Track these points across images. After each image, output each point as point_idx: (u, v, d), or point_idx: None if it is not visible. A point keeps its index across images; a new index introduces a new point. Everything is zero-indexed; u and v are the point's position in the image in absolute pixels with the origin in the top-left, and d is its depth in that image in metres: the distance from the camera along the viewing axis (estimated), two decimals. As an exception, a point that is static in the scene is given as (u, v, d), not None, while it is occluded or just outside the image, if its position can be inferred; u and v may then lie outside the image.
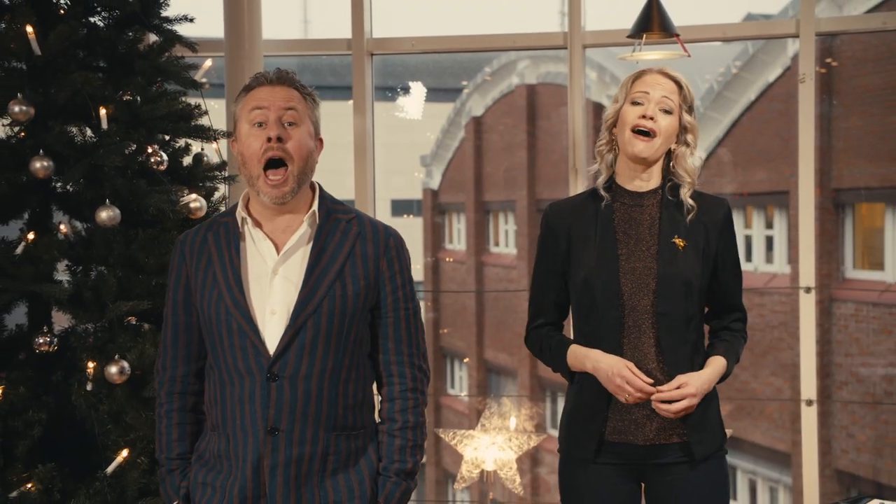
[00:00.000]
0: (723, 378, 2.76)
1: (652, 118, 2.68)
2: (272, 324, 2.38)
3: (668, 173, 2.79)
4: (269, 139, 2.35)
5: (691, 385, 2.63)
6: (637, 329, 2.71)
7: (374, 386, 2.55)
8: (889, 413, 10.10)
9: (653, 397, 2.63)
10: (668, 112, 2.71)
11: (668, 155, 2.77)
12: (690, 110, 2.76)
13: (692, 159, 2.78)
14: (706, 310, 2.84)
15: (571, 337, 2.85)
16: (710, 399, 2.75)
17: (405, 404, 2.47)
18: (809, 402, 4.71)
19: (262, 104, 2.39)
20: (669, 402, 2.63)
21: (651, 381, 2.63)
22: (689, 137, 2.77)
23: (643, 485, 2.80)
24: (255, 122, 2.39)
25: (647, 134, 2.69)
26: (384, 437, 2.48)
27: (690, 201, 2.74)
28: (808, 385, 4.72)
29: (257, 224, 2.44)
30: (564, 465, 2.85)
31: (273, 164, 2.36)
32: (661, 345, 2.69)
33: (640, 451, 2.72)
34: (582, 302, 2.77)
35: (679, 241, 2.72)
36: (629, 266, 2.72)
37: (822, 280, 10.40)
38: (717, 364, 2.73)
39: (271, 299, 2.39)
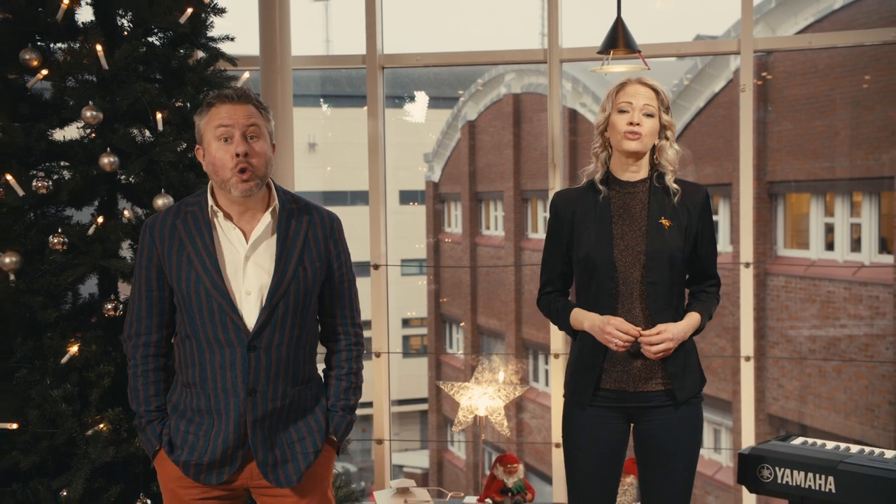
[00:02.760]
0: (698, 330, 2.78)
1: (638, 124, 2.71)
2: (248, 303, 2.40)
3: (653, 165, 2.81)
4: (238, 154, 2.35)
5: (669, 332, 2.66)
6: (629, 296, 2.72)
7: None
8: (812, 368, 10.13)
9: (638, 339, 2.66)
10: (650, 116, 2.73)
11: (653, 149, 2.79)
12: (667, 110, 2.78)
13: (671, 151, 2.80)
14: (687, 277, 2.86)
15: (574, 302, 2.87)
16: (688, 351, 2.77)
17: (350, 355, 2.56)
18: (747, 359, 4.72)
19: (225, 122, 2.37)
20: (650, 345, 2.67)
21: (636, 330, 2.66)
22: (668, 133, 2.80)
23: (632, 425, 2.82)
24: (222, 137, 2.37)
25: (635, 135, 2.72)
26: (332, 380, 2.55)
27: (674, 185, 2.77)
28: (747, 344, 4.73)
29: (227, 216, 2.44)
30: (567, 407, 2.86)
31: (242, 170, 2.37)
32: (650, 308, 2.71)
33: (631, 396, 2.74)
34: (583, 274, 2.79)
35: (665, 222, 2.74)
36: (623, 244, 2.73)
37: (759, 257, 10.41)
38: (692, 318, 2.76)
39: (246, 282, 2.40)
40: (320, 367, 2.64)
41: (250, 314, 2.39)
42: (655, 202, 2.75)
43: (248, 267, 2.41)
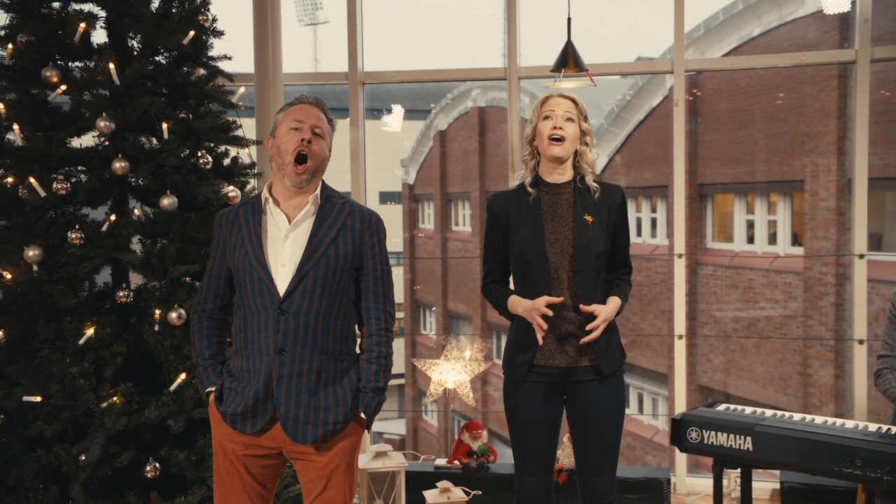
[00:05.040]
0: (618, 312, 2.79)
1: (561, 128, 2.72)
2: (283, 274, 2.41)
3: (576, 168, 2.81)
4: (303, 140, 2.42)
5: (604, 313, 2.67)
6: (559, 283, 2.72)
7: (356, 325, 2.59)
8: (735, 344, 10.26)
9: (585, 339, 2.66)
10: (571, 121, 2.74)
11: (575, 155, 2.80)
12: (585, 119, 2.79)
13: (591, 155, 2.81)
14: None
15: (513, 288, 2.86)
16: (611, 331, 2.78)
17: (380, 339, 2.50)
18: (680, 337, 4.77)
19: (300, 118, 2.46)
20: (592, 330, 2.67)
21: (559, 300, 2.66)
22: (588, 139, 2.80)
23: (565, 397, 2.81)
24: (293, 127, 2.44)
25: (559, 140, 2.72)
26: (364, 363, 2.50)
27: (594, 184, 2.77)
28: (680, 324, 4.78)
29: (276, 202, 2.48)
30: (506, 384, 2.85)
31: (300, 159, 2.42)
32: (579, 293, 2.70)
33: (563, 372, 2.74)
34: (519, 265, 2.78)
35: (589, 218, 2.73)
36: (553, 238, 2.73)
37: (690, 249, 10.52)
38: (616, 301, 2.76)
39: (282, 256, 2.42)
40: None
41: (283, 283, 2.40)
42: (580, 201, 2.75)
43: (287, 244, 2.43)
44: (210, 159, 3.59)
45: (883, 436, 2.75)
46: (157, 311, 3.36)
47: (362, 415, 2.48)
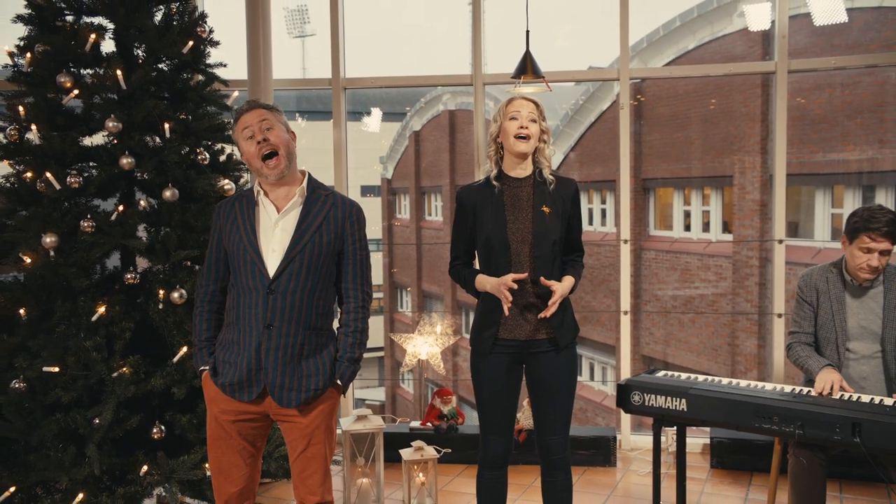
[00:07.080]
0: (572, 289, 2.79)
1: (526, 127, 2.71)
2: (272, 258, 2.40)
3: (535, 163, 2.80)
4: (259, 142, 2.42)
5: (560, 289, 2.66)
6: (520, 267, 2.72)
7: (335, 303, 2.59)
8: (673, 319, 10.39)
9: (543, 314, 2.66)
10: (533, 121, 2.73)
11: (534, 151, 2.79)
12: (544, 119, 2.77)
13: (548, 151, 2.80)
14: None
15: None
16: (566, 307, 2.78)
17: (356, 315, 2.51)
18: (626, 313, 4.79)
19: (247, 125, 2.45)
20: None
21: (523, 275, 2.66)
22: (545, 137, 2.78)
23: (524, 366, 2.82)
24: (247, 137, 2.44)
25: (525, 138, 2.71)
26: (341, 336, 2.51)
27: (550, 177, 2.76)
28: (625, 301, 4.79)
29: (266, 194, 2.48)
30: (473, 355, 2.86)
31: (268, 156, 2.42)
32: (537, 276, 2.70)
33: (523, 344, 2.74)
34: (484, 251, 2.78)
35: (546, 209, 2.73)
36: (514, 227, 2.72)
37: (635, 236, 10.64)
38: (570, 280, 2.76)
39: (273, 241, 2.42)
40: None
41: (273, 266, 2.40)
42: (539, 194, 2.75)
43: (276, 231, 2.43)
44: (207, 156, 3.57)
45: (796, 396, 2.82)
46: (161, 292, 3.36)
47: (339, 381, 2.49)
